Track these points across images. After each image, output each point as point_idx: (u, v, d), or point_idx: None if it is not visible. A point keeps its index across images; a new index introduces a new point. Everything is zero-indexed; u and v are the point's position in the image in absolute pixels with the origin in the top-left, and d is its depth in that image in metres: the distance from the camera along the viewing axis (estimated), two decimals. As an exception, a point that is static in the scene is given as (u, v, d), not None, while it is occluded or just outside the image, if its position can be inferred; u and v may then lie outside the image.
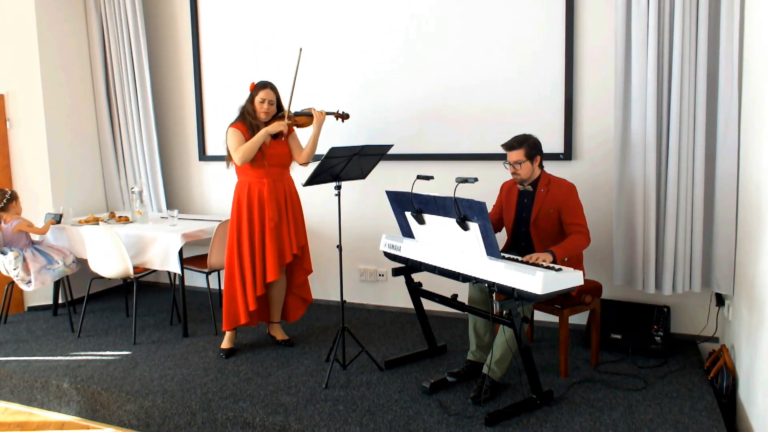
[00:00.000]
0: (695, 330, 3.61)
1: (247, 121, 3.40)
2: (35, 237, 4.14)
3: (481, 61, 3.88)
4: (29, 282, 3.92)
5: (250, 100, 3.42)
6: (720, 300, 3.47)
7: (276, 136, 3.45)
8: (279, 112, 3.48)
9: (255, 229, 3.41)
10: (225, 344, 3.57)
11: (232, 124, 3.44)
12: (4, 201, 3.91)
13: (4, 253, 3.90)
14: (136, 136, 4.82)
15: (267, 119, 3.43)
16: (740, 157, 3.15)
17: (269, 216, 3.39)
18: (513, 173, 3.12)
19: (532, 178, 3.12)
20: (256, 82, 3.45)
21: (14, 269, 3.88)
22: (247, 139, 3.37)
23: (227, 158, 3.46)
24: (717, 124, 3.25)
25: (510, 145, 3.08)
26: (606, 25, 3.55)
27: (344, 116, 3.70)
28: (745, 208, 3.02)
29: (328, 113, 3.59)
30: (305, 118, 3.50)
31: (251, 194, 3.41)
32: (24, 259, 3.90)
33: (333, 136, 4.04)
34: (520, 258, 2.84)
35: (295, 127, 3.54)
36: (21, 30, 4.42)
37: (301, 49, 3.45)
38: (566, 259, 2.92)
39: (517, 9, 3.76)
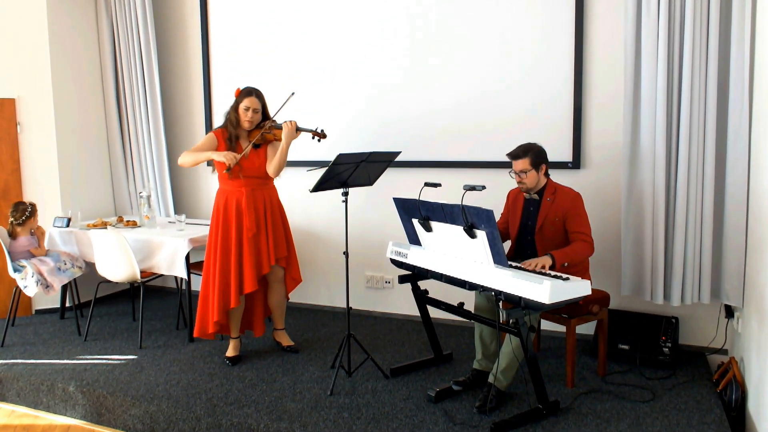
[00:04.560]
0: (704, 342, 3.57)
1: (228, 129, 3.34)
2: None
3: (489, 69, 3.88)
4: (48, 286, 3.94)
5: (234, 107, 3.35)
6: (729, 312, 3.43)
7: (257, 146, 3.38)
8: (264, 120, 3.39)
9: (231, 239, 3.34)
10: (230, 352, 3.56)
11: (214, 130, 3.41)
12: (24, 216, 3.94)
13: (18, 270, 3.92)
14: (145, 141, 4.85)
15: (251, 128, 3.36)
16: (750, 166, 3.13)
17: (247, 226, 3.32)
18: (518, 182, 3.12)
19: (538, 186, 3.11)
20: (241, 89, 3.37)
21: (25, 286, 3.90)
22: (221, 148, 3.32)
23: (213, 162, 3.40)
24: (727, 132, 3.23)
25: (515, 154, 3.08)
26: (615, 32, 3.54)
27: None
28: (756, 219, 3.00)
29: (304, 129, 3.39)
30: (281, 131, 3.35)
31: (228, 204, 3.35)
32: (36, 271, 3.91)
33: (341, 143, 4.05)
34: (521, 264, 2.83)
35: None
36: (33, 35, 4.46)
37: (293, 93, 3.36)
38: (566, 264, 2.90)
39: (526, 17, 3.76)
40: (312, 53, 4.38)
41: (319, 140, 3.46)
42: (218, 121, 4.74)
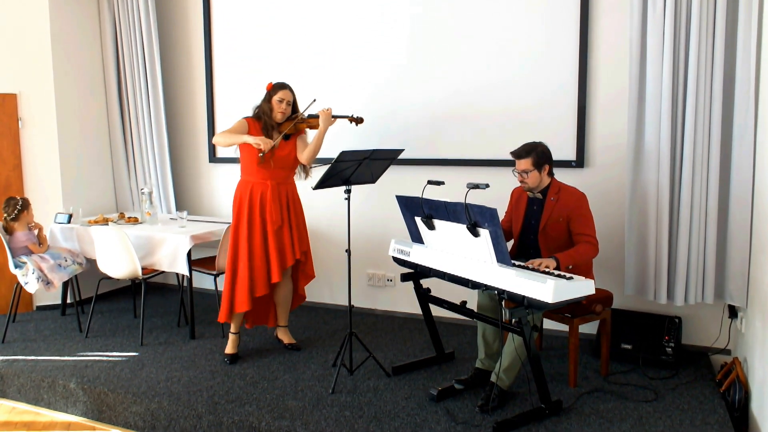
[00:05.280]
0: (707, 342, 3.56)
1: (263, 120, 3.41)
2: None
3: (493, 67, 3.86)
4: (49, 283, 3.93)
5: (267, 99, 3.42)
6: (733, 312, 3.42)
7: (287, 137, 3.44)
8: (294, 113, 3.47)
9: (255, 231, 3.39)
10: (228, 349, 3.54)
11: (246, 117, 3.46)
12: (16, 211, 3.92)
13: (19, 267, 3.91)
14: (147, 137, 4.83)
15: (283, 120, 3.42)
16: (756, 165, 3.11)
17: (272, 219, 3.38)
18: (521, 181, 3.10)
19: (541, 186, 3.09)
20: (273, 83, 3.45)
21: (26, 283, 3.89)
22: (253, 135, 3.35)
23: (240, 151, 3.46)
24: (732, 131, 3.21)
25: (518, 154, 3.06)
26: (621, 30, 3.52)
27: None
28: (760, 219, 2.98)
29: (340, 116, 3.54)
30: (317, 120, 3.45)
31: (253, 195, 3.40)
32: (37, 268, 3.90)
33: (344, 140, 4.03)
34: (524, 263, 2.82)
35: (308, 129, 3.53)
36: (34, 30, 4.44)
37: (314, 100, 3.42)
38: (570, 267, 2.89)
39: (531, 15, 3.74)
40: (313, 50, 4.36)
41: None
42: (221, 117, 4.77)
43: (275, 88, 3.42)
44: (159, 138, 4.77)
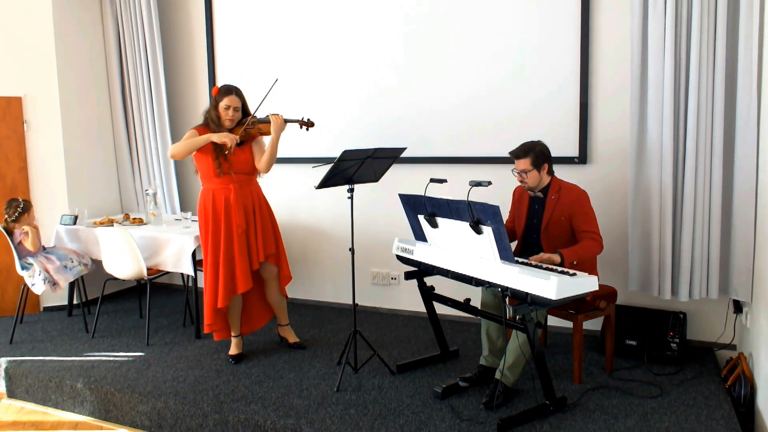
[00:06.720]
0: (712, 337, 3.55)
1: (210, 128, 3.29)
2: (45, 242, 4.18)
3: (495, 64, 3.86)
4: (55, 284, 3.96)
5: (214, 106, 3.30)
6: (738, 307, 3.41)
7: (240, 144, 3.34)
8: (244, 117, 3.35)
9: (221, 238, 3.31)
10: (233, 351, 3.54)
11: (194, 127, 3.35)
12: (17, 213, 3.93)
13: (25, 268, 3.94)
14: (151, 138, 4.85)
15: (231, 126, 3.32)
16: (759, 160, 3.10)
17: (236, 222, 3.30)
18: (521, 181, 3.10)
19: (542, 185, 3.09)
20: (219, 87, 3.34)
21: (33, 284, 3.92)
22: (206, 146, 3.26)
23: (195, 162, 3.38)
24: (735, 127, 3.20)
25: (516, 154, 3.05)
26: (622, 25, 3.51)
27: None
28: (764, 212, 2.97)
29: (290, 120, 3.39)
30: (268, 125, 3.30)
31: (216, 201, 3.31)
32: (43, 269, 3.92)
33: (345, 140, 4.05)
34: (528, 260, 2.82)
35: (261, 134, 3.39)
36: (38, 34, 4.47)
37: (276, 80, 3.34)
38: (575, 262, 2.89)
39: (532, 12, 3.74)
40: (314, 50, 4.37)
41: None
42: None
43: (220, 93, 3.29)
44: (163, 139, 4.80)
